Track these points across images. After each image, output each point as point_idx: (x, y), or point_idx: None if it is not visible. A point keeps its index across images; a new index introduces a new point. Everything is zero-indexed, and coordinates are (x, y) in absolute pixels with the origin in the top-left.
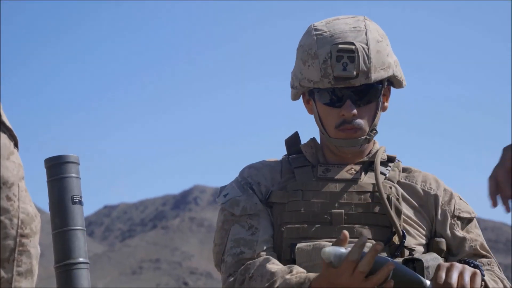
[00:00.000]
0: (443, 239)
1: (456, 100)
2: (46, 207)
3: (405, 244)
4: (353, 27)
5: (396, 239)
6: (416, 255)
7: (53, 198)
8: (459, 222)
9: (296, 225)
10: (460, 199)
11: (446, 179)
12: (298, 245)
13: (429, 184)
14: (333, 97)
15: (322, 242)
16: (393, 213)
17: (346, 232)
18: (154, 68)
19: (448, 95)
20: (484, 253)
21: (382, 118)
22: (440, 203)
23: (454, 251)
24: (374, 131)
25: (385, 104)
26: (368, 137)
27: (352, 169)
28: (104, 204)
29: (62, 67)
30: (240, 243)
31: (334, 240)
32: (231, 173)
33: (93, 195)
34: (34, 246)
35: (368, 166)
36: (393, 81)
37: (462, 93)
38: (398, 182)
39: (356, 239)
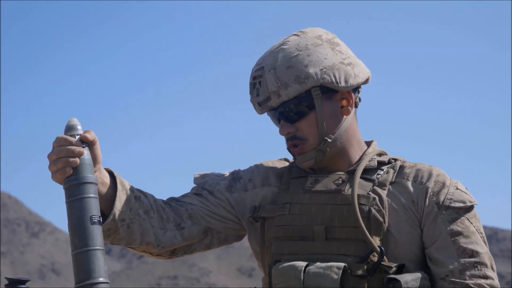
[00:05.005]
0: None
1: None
2: (66, 228)
3: (392, 258)
4: (271, 50)
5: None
6: (403, 272)
7: (72, 218)
8: (446, 213)
9: (281, 241)
10: (457, 188)
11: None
12: (274, 266)
13: (421, 177)
14: (274, 120)
15: (297, 263)
16: (371, 229)
17: None
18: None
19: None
20: (470, 249)
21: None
22: (428, 195)
23: (427, 244)
24: (325, 141)
25: (346, 107)
26: (319, 148)
27: (340, 179)
28: None
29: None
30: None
31: (316, 256)
32: None
33: None
34: None
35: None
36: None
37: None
38: (392, 183)
39: (336, 256)
